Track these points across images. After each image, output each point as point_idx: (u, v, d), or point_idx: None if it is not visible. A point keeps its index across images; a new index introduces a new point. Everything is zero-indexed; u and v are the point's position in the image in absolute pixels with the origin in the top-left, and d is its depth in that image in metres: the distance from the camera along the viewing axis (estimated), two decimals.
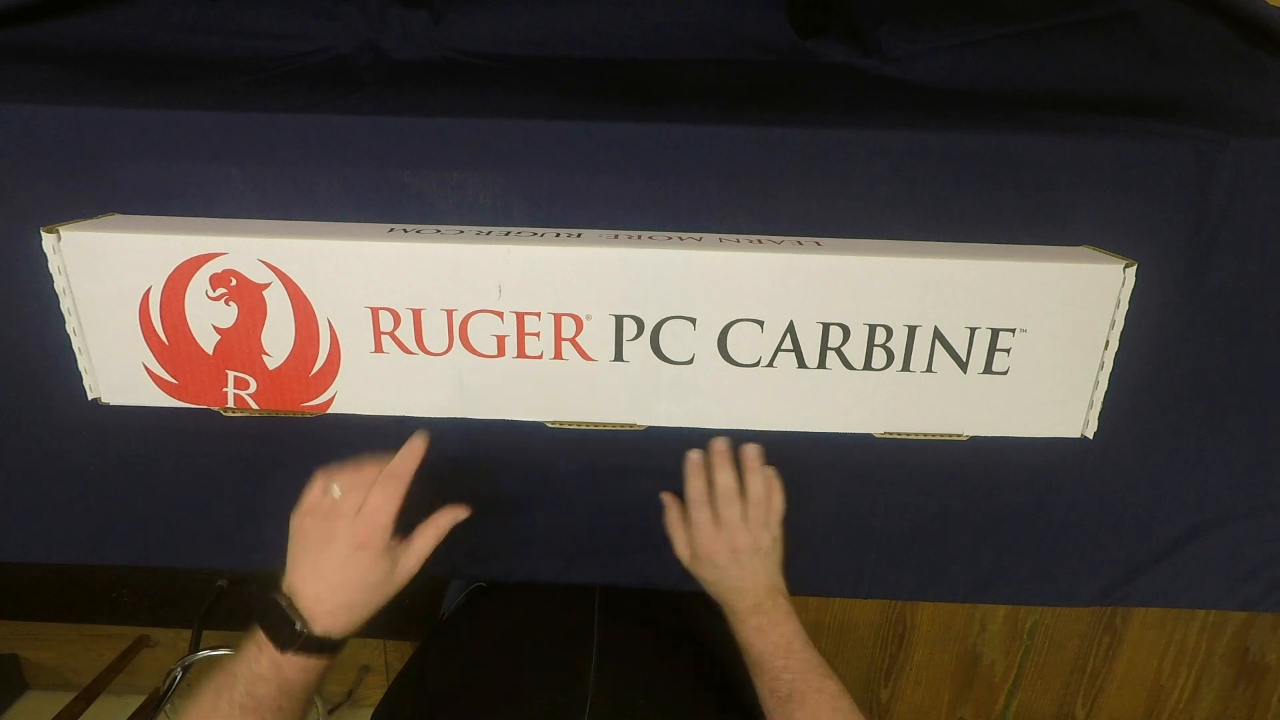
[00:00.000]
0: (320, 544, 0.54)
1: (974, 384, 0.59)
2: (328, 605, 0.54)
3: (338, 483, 0.56)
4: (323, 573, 0.54)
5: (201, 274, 0.56)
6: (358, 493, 0.55)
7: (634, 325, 0.57)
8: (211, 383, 0.59)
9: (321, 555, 0.54)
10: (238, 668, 0.52)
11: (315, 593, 0.54)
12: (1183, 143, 0.59)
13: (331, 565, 0.54)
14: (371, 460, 0.56)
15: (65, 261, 0.56)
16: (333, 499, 0.55)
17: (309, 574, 0.54)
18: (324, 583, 0.54)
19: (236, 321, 0.57)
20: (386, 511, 0.55)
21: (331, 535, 0.54)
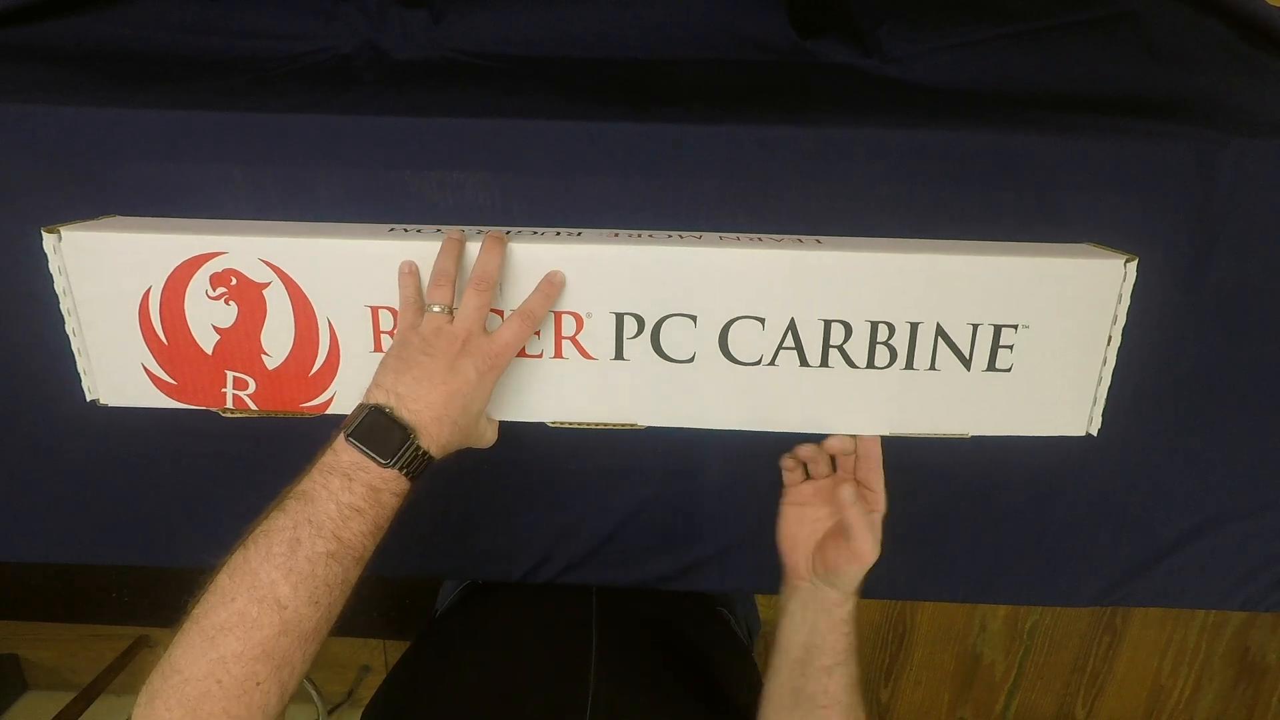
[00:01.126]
0: (442, 358, 0.51)
1: (978, 382, 0.59)
2: (436, 414, 0.50)
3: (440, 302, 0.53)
4: (439, 384, 0.50)
5: (201, 274, 0.56)
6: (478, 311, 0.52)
7: (634, 323, 0.57)
8: (210, 383, 0.59)
9: (442, 370, 0.50)
10: (315, 513, 0.47)
11: (429, 401, 0.49)
12: (1183, 142, 0.59)
13: (453, 382, 0.50)
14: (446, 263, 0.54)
15: (65, 262, 0.56)
16: (444, 316, 0.52)
17: (419, 380, 0.50)
18: (439, 391, 0.50)
19: (236, 321, 0.57)
20: (519, 346, 0.53)
21: (459, 353, 0.51)
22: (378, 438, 0.48)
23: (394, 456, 0.48)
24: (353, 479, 0.48)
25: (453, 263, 0.54)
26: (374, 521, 0.48)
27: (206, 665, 0.43)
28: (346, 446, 0.48)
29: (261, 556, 0.45)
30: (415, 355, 0.51)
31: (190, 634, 0.44)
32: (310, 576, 0.45)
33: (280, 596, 0.44)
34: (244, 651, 0.43)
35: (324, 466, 0.48)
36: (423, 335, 0.52)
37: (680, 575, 0.73)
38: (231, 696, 0.42)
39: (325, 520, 0.46)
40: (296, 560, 0.45)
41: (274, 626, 0.44)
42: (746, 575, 0.73)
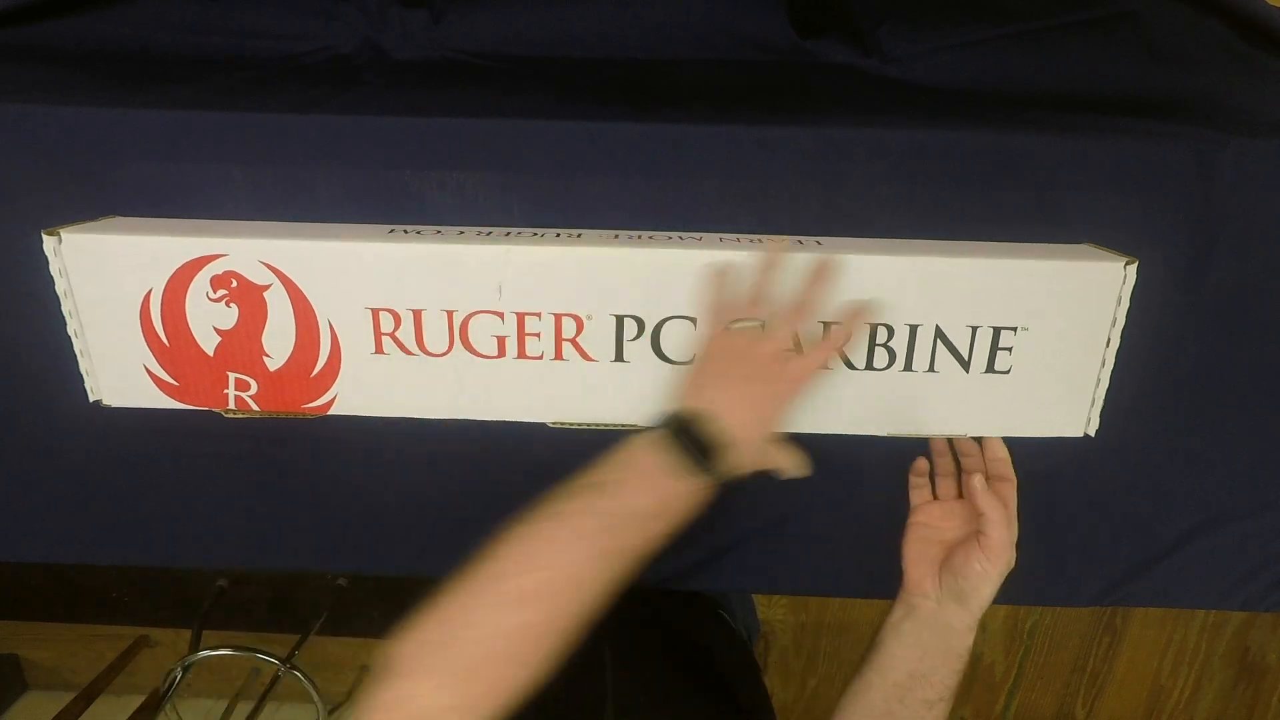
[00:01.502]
0: (760, 374, 0.50)
1: (976, 383, 0.59)
2: (746, 433, 0.49)
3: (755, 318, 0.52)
4: (754, 401, 0.49)
5: (202, 275, 0.56)
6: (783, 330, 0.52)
7: (634, 325, 0.57)
8: (212, 384, 0.59)
9: (759, 387, 0.50)
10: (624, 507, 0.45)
11: (743, 419, 0.49)
12: (1183, 143, 0.59)
13: (767, 401, 0.50)
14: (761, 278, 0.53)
15: (66, 264, 0.56)
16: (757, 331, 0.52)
17: (740, 396, 0.49)
18: (751, 413, 0.49)
19: (237, 323, 0.57)
20: (825, 364, 0.53)
21: (777, 374, 0.51)
22: (696, 445, 0.48)
23: (707, 467, 0.47)
24: (664, 479, 0.47)
25: (770, 279, 0.54)
26: (670, 526, 0.47)
27: (506, 627, 0.41)
28: (664, 447, 0.48)
29: (573, 535, 0.44)
30: (729, 370, 0.51)
31: (488, 593, 0.42)
32: (608, 567, 0.44)
33: (583, 579, 0.43)
34: (538, 624, 0.42)
35: (638, 461, 0.48)
36: (737, 350, 0.52)
37: (680, 575, 0.73)
38: (513, 666, 0.41)
39: (633, 515, 0.45)
40: (602, 547, 0.44)
41: (570, 607, 0.43)
42: (746, 575, 0.73)
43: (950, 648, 0.56)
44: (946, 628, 0.57)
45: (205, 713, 1.62)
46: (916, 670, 0.57)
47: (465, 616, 0.41)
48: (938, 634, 0.57)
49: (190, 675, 1.36)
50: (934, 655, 0.56)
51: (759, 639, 0.98)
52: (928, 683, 0.56)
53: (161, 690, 1.34)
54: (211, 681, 1.65)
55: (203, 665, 1.36)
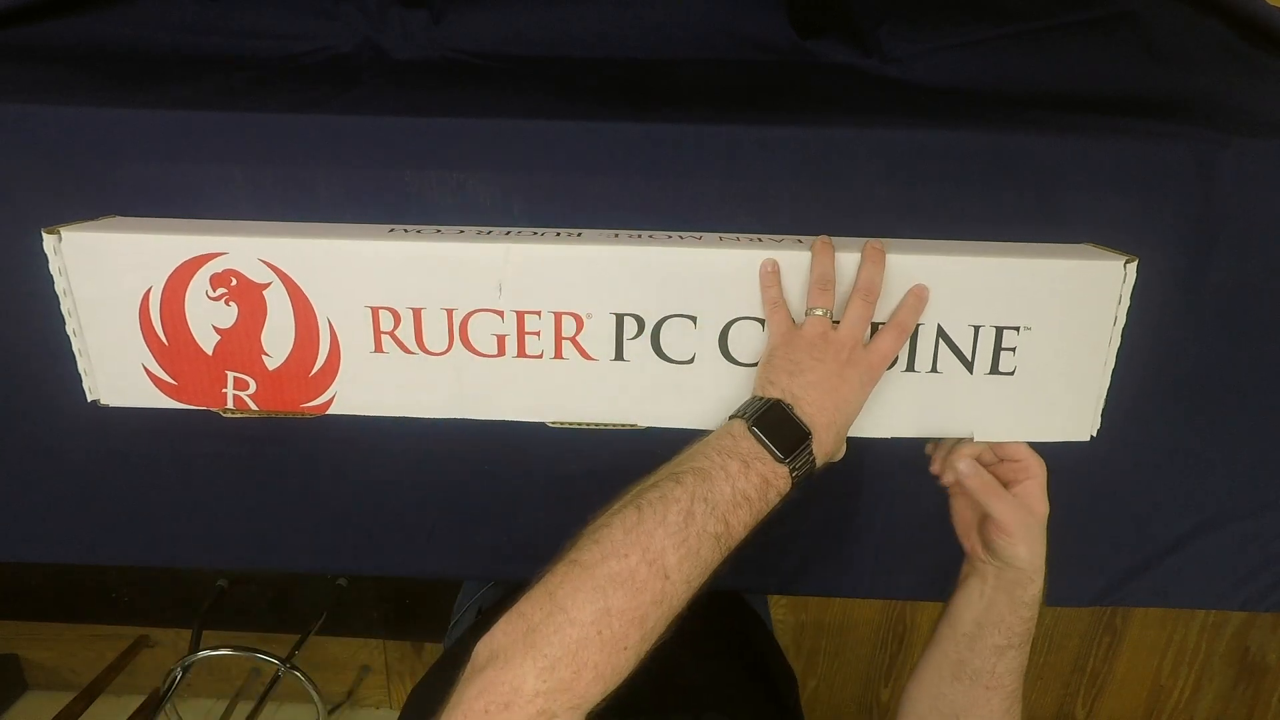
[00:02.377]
0: (833, 365, 0.51)
1: (981, 385, 0.59)
2: (827, 419, 0.49)
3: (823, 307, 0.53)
4: (835, 392, 0.50)
5: (202, 274, 0.56)
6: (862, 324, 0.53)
7: (634, 324, 0.57)
8: (211, 383, 0.59)
9: (834, 378, 0.50)
10: (711, 492, 0.46)
11: (824, 408, 0.49)
12: (1183, 142, 0.59)
13: (844, 391, 0.50)
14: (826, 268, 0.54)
15: (66, 263, 0.56)
16: (826, 321, 0.53)
17: (820, 383, 0.50)
18: (831, 398, 0.50)
19: (236, 322, 0.57)
20: (895, 354, 0.54)
21: (847, 362, 0.51)
22: (779, 432, 0.48)
23: (792, 454, 0.48)
24: (749, 467, 0.47)
25: (831, 267, 0.54)
26: (757, 515, 0.47)
27: (594, 613, 0.41)
28: (747, 434, 0.48)
29: (657, 521, 0.44)
30: (805, 359, 0.51)
31: (579, 579, 0.43)
32: (695, 554, 0.44)
33: (668, 566, 0.43)
34: (628, 610, 0.42)
35: (723, 449, 0.48)
36: (809, 340, 0.52)
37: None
38: (606, 650, 0.41)
39: (720, 501, 0.45)
40: (689, 535, 0.44)
41: (655, 593, 0.43)
42: (746, 575, 0.73)
43: (1015, 596, 0.57)
44: (1009, 581, 0.57)
45: (205, 713, 1.62)
46: (983, 619, 0.57)
47: (553, 603, 0.42)
48: (1003, 587, 0.57)
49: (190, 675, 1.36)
50: (1000, 605, 0.57)
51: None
52: (995, 629, 0.57)
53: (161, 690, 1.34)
54: (211, 681, 1.65)
55: (203, 665, 1.36)
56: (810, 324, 0.53)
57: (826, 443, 0.50)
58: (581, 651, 0.40)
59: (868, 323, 0.54)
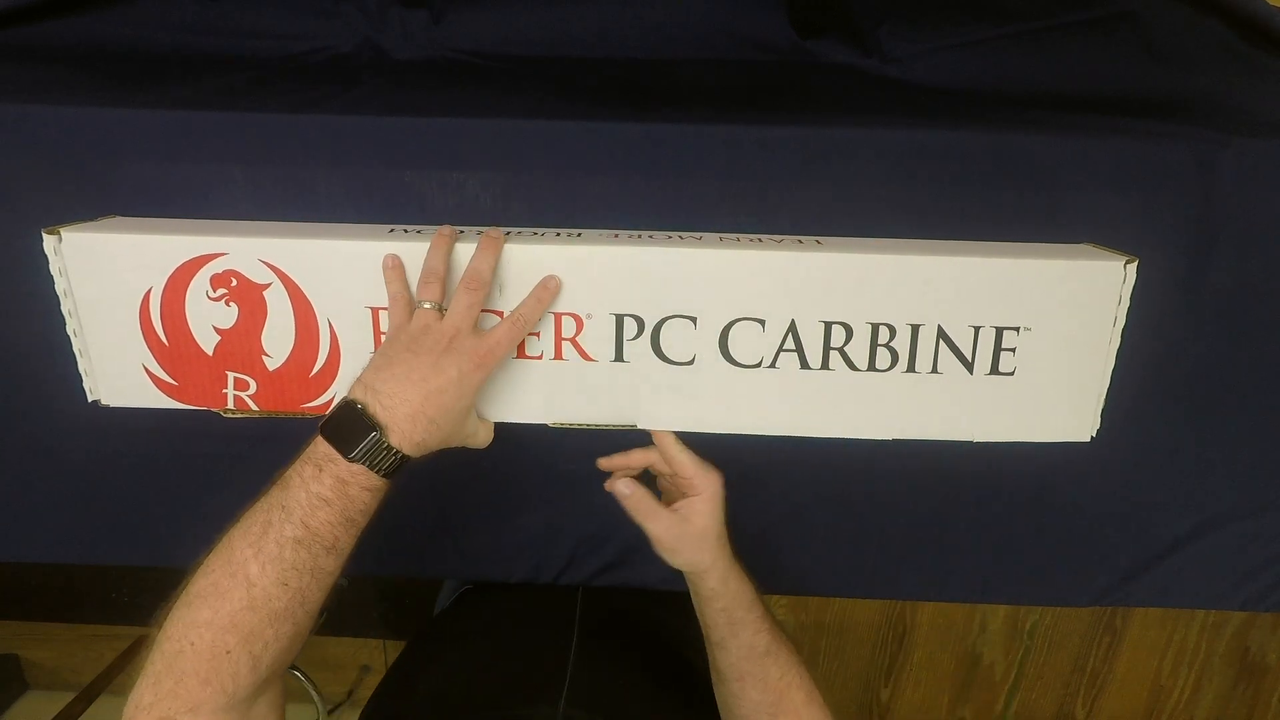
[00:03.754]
0: (427, 355, 0.51)
1: (981, 386, 0.59)
2: (410, 410, 0.49)
3: (430, 299, 0.53)
4: (419, 380, 0.50)
5: (202, 274, 0.56)
6: (468, 311, 0.53)
7: (634, 325, 0.57)
8: (211, 384, 0.59)
9: (424, 367, 0.50)
10: (288, 499, 0.48)
11: (401, 394, 0.49)
12: (1183, 142, 0.59)
13: (434, 380, 0.50)
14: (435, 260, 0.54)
15: (66, 263, 0.56)
16: (433, 313, 0.53)
17: (398, 377, 0.50)
18: (417, 389, 0.50)
19: (237, 322, 0.57)
20: (508, 349, 0.54)
21: (445, 350, 0.51)
22: (345, 432, 0.49)
23: (357, 451, 0.49)
24: (322, 469, 0.49)
25: (442, 260, 0.54)
26: (342, 513, 0.49)
27: (181, 627, 0.46)
28: (319, 438, 0.50)
29: (240, 534, 0.48)
30: (399, 352, 0.51)
31: (177, 600, 0.47)
32: (278, 559, 0.47)
33: (250, 574, 0.46)
34: (213, 620, 0.46)
35: (304, 456, 0.50)
36: (410, 333, 0.52)
37: (680, 576, 0.73)
38: (202, 659, 0.45)
39: (295, 506, 0.48)
40: (266, 542, 0.47)
41: (241, 600, 0.46)
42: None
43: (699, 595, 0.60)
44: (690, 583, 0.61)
45: None
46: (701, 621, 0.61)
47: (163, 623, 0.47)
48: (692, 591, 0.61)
49: None
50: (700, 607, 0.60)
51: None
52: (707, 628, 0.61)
53: None
54: None
55: None
56: (416, 317, 0.53)
57: (414, 433, 0.50)
58: (177, 662, 0.45)
59: (472, 311, 0.53)
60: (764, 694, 0.59)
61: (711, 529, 0.59)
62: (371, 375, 0.51)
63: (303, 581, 0.48)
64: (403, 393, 0.50)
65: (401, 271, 0.55)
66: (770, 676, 0.59)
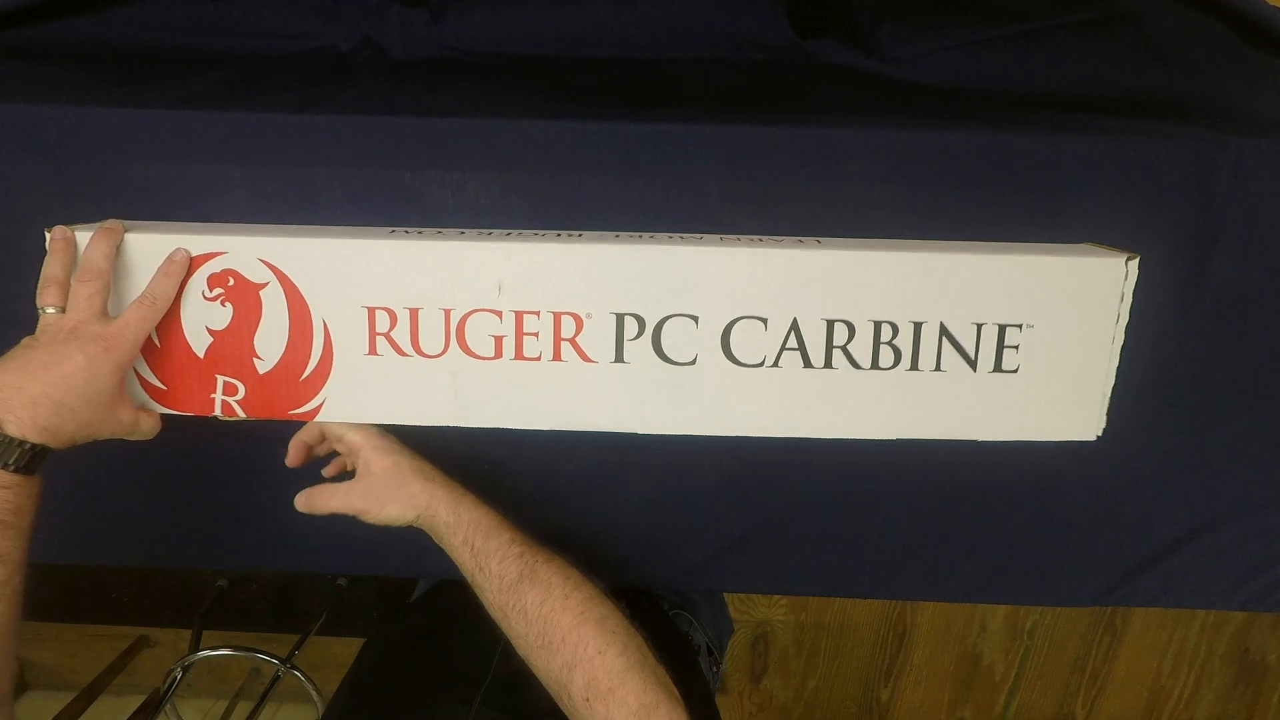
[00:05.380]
0: (46, 348, 0.51)
1: (985, 384, 0.59)
2: (29, 395, 0.49)
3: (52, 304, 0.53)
4: (36, 368, 0.50)
5: (200, 274, 0.56)
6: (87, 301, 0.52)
7: (635, 324, 0.57)
8: (200, 389, 0.58)
9: (44, 356, 0.50)
10: None
11: (16, 384, 0.49)
12: (1183, 143, 0.59)
13: (54, 366, 0.50)
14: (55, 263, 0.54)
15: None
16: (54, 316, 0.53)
17: (14, 370, 0.49)
18: (35, 377, 0.49)
19: (231, 323, 0.57)
20: (141, 330, 0.53)
21: (67, 338, 0.51)
22: None
23: None
24: None
25: (60, 266, 0.54)
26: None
27: None
28: None
29: None
30: (18, 351, 0.51)
31: None
32: None
33: None
34: None
35: None
36: (31, 336, 0.53)
37: (680, 575, 0.73)
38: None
39: None
40: None
41: None
42: (746, 575, 0.73)
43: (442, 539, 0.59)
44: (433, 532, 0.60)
45: (205, 713, 1.61)
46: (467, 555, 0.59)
47: None
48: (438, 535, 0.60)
49: (190, 675, 1.35)
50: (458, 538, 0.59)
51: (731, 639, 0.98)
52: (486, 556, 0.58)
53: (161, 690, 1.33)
54: (211, 681, 1.65)
55: (203, 665, 1.36)
56: (40, 322, 0.53)
57: (37, 418, 0.49)
58: None
59: (92, 301, 0.53)
60: (527, 626, 0.55)
61: (397, 466, 0.59)
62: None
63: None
64: (17, 382, 0.49)
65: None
66: (528, 605, 0.55)
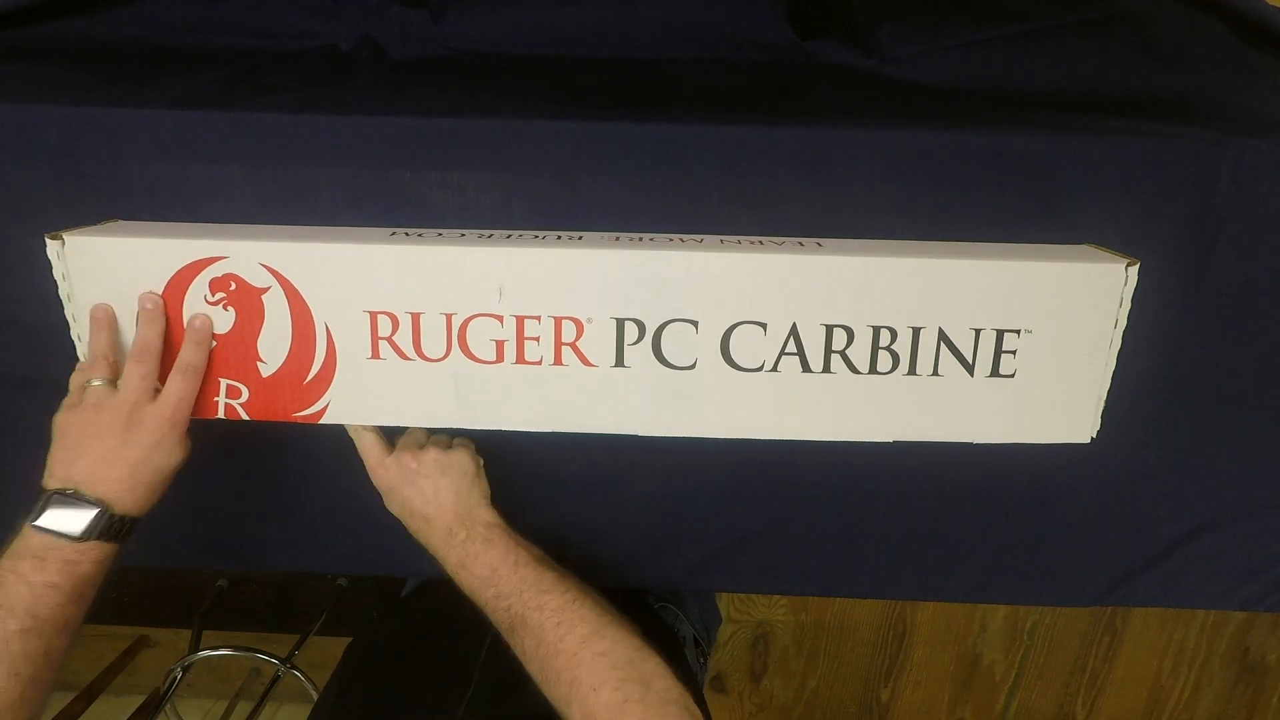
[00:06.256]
0: (112, 433, 0.53)
1: (981, 388, 0.59)
2: (127, 484, 0.53)
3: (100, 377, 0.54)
4: (120, 459, 0.53)
5: (202, 279, 0.56)
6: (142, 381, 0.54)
7: (635, 329, 0.57)
8: (204, 392, 0.58)
9: (114, 443, 0.53)
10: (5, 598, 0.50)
11: (112, 476, 0.52)
12: (1183, 143, 0.59)
13: (133, 453, 0.53)
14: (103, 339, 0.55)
15: (69, 268, 0.55)
16: (104, 390, 0.54)
17: (102, 462, 0.52)
18: (122, 467, 0.52)
19: (233, 327, 0.57)
20: (191, 398, 0.55)
21: (128, 424, 0.53)
22: (65, 519, 0.51)
23: (88, 532, 0.51)
24: (45, 559, 0.51)
25: (107, 342, 0.55)
26: (72, 592, 0.51)
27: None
28: (34, 533, 0.51)
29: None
30: (80, 440, 0.53)
31: None
32: (5, 654, 0.49)
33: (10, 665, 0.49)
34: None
35: (14, 553, 0.51)
36: (85, 417, 0.53)
37: (680, 575, 0.73)
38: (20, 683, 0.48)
39: (16, 602, 0.50)
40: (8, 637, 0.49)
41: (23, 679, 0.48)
42: (746, 575, 0.73)
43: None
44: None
45: (205, 713, 1.61)
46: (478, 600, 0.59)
47: None
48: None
49: (190, 675, 1.35)
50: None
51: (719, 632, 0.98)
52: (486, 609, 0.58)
53: (161, 690, 1.33)
54: (211, 681, 1.65)
55: (203, 665, 1.36)
56: (86, 396, 0.54)
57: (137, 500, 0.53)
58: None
59: (146, 381, 0.54)
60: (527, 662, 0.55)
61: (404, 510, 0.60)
62: (63, 470, 0.53)
63: (35, 667, 0.50)
64: (108, 474, 0.52)
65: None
66: (526, 649, 0.55)
